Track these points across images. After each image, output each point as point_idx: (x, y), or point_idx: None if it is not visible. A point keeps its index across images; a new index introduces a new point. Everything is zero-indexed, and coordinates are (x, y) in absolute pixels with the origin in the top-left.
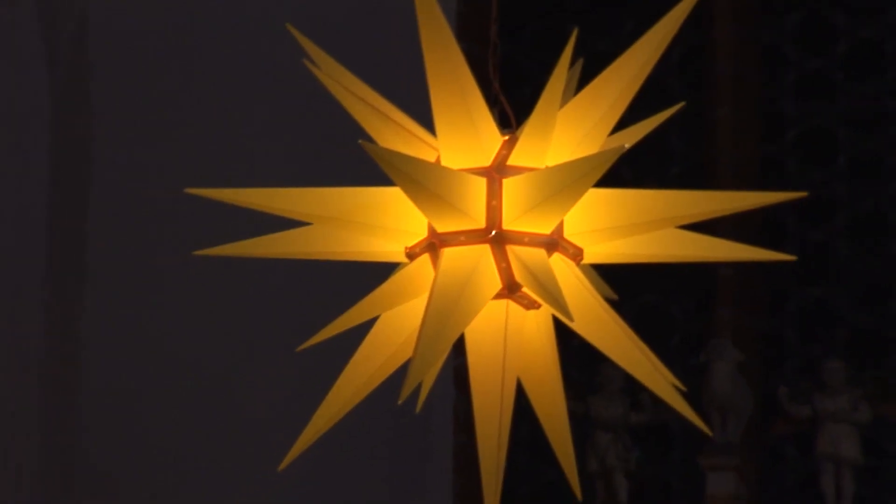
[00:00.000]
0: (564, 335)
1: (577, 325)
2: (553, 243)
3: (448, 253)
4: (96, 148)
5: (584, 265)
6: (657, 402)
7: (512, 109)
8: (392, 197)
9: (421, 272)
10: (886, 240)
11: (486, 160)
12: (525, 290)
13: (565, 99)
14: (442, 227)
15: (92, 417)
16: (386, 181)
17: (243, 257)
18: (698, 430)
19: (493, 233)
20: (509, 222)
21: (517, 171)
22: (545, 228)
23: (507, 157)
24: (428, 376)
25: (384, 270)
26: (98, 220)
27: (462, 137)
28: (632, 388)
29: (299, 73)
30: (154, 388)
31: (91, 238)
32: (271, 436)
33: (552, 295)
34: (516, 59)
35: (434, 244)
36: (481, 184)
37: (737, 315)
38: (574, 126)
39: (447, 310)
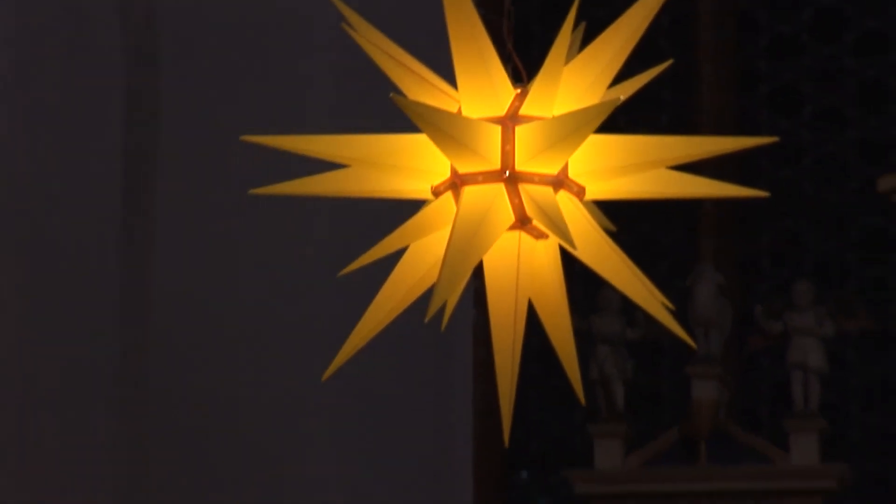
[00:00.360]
0: (569, 262)
1: (581, 253)
2: (559, 182)
3: (468, 191)
4: (165, 102)
5: (587, 201)
6: (650, 319)
7: (523, 66)
8: (419, 142)
9: (444, 208)
10: (846, 178)
11: (501, 110)
12: (535, 223)
13: (570, 57)
14: (462, 169)
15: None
16: (414, 129)
17: (291, 195)
18: (685, 343)
19: (507, 173)
20: (521, 164)
21: (528, 119)
22: (552, 169)
23: (519, 107)
24: (451, 298)
25: (412, 206)
26: (167, 164)
27: (480, 90)
28: (628, 307)
29: (339, 36)
30: (215, 314)
31: (161, 180)
32: (316, 349)
33: (558, 227)
34: (527, 24)
35: (456, 183)
36: (497, 131)
37: (718, 243)
38: (577, 80)
39: (467, 240)
